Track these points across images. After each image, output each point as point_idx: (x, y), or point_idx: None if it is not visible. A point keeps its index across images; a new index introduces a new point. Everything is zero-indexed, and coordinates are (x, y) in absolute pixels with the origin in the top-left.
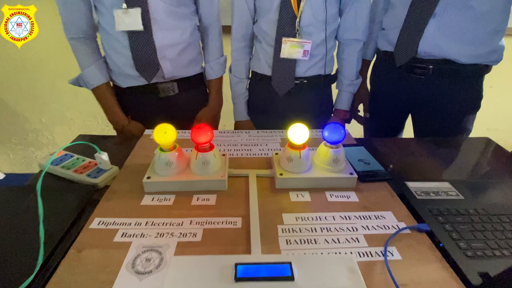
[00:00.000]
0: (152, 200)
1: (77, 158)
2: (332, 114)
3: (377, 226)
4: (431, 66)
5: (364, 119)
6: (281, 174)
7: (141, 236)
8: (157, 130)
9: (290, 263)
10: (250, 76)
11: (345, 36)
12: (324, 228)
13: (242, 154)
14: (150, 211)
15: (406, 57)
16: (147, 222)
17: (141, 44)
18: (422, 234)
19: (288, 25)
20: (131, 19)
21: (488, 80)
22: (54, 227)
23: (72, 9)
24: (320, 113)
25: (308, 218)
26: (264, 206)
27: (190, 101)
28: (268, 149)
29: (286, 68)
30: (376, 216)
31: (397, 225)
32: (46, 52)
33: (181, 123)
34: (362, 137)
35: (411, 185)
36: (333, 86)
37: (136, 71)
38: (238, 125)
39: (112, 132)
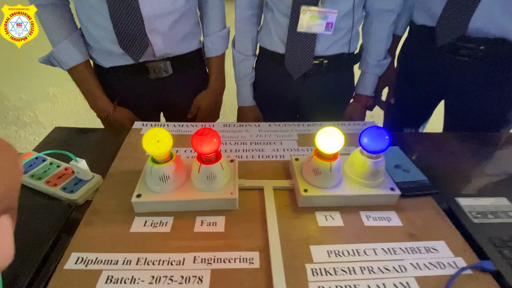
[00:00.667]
0: (145, 224)
1: (50, 163)
2: (352, 100)
3: (430, 264)
4: (481, 47)
5: (387, 105)
6: (305, 191)
7: (131, 282)
8: (147, 138)
9: None
10: (257, 53)
11: (375, 6)
12: (365, 268)
13: (253, 157)
14: (142, 241)
15: (452, 34)
16: (138, 260)
17: (125, 13)
18: (486, 275)
19: None
20: None
21: None
22: (16, 269)
23: None
24: (338, 98)
25: (343, 253)
26: (287, 234)
27: (186, 83)
28: (284, 150)
29: (304, 44)
30: (427, 249)
31: (453, 262)
32: None
33: (177, 110)
34: (381, 126)
35: (463, 202)
36: (355, 67)
37: (120, 48)
38: (241, 111)
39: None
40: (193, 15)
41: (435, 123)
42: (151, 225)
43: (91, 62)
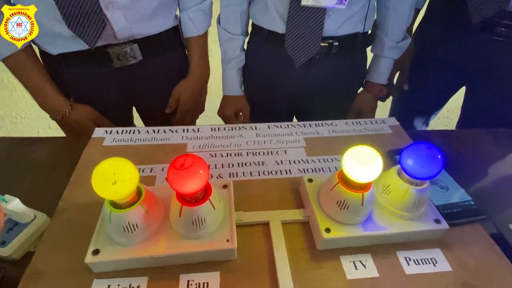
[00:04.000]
0: None
1: None
2: (362, 89)
3: None
4: None
5: (399, 92)
6: (328, 231)
7: None
8: (98, 177)
9: None
10: (250, 31)
11: None
12: None
13: (251, 174)
14: None
15: (490, 9)
16: None
17: None
18: None
19: None
20: None
21: None
22: None
23: None
24: (347, 87)
25: None
26: None
27: (161, 71)
28: (290, 162)
29: (310, 22)
30: None
31: None
32: None
33: (152, 104)
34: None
35: None
36: (368, 50)
37: (68, 29)
38: (226, 102)
39: None
40: None
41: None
42: None
43: (36, 48)
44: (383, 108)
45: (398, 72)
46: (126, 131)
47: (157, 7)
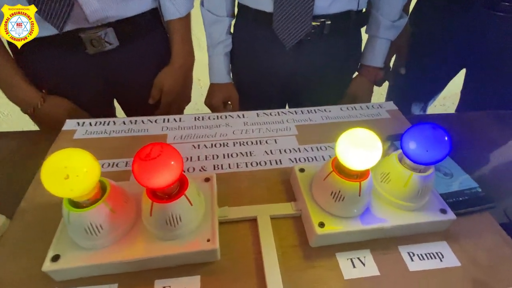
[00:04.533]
0: None
1: None
2: (357, 73)
3: None
4: None
5: (396, 76)
6: (321, 225)
7: None
8: (47, 170)
9: None
10: (236, 12)
11: None
12: None
13: (238, 165)
14: None
15: None
16: None
17: None
18: None
19: None
20: None
21: None
22: None
23: None
24: (341, 71)
25: None
26: None
27: (141, 58)
28: (281, 151)
29: (300, 1)
30: None
31: None
32: None
33: (134, 94)
34: (384, 99)
35: None
36: (363, 30)
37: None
38: (213, 90)
39: None
40: None
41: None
42: None
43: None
44: (379, 94)
45: (394, 55)
46: (100, 123)
47: None
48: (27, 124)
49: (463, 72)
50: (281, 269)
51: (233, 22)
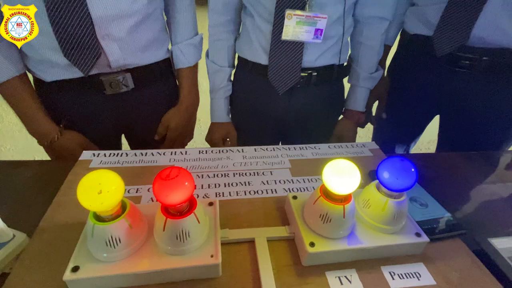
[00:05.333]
0: None
1: None
2: (342, 116)
3: None
4: (484, 58)
5: (378, 120)
6: (312, 245)
7: None
8: (84, 187)
9: None
10: (236, 63)
11: (366, 13)
12: None
13: (238, 193)
14: None
15: (453, 44)
16: None
17: (69, 14)
18: None
19: None
20: None
21: None
22: None
23: None
24: (327, 115)
25: None
26: None
27: (152, 99)
28: (276, 182)
29: (290, 54)
30: None
31: None
32: None
33: (141, 131)
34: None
35: (498, 244)
36: (345, 80)
37: (65, 58)
38: (214, 128)
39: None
40: (158, 19)
41: (426, 139)
42: None
43: (30, 75)
44: (365, 136)
45: (377, 102)
46: (114, 154)
47: (151, 41)
48: (27, 158)
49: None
50: (276, 285)
51: (233, 71)
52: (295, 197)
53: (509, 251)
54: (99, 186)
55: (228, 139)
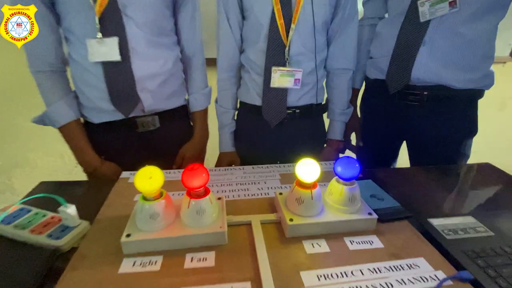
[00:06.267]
0: (134, 265)
1: (36, 214)
2: (325, 145)
3: (414, 278)
4: (425, 93)
5: (357, 148)
6: (291, 220)
7: None
8: (140, 175)
9: None
10: (238, 106)
11: (334, 66)
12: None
13: (239, 196)
14: (131, 282)
15: (400, 84)
16: None
17: (118, 75)
18: (465, 284)
19: (277, 54)
20: (107, 49)
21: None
22: None
23: (38, 40)
24: (313, 143)
25: (332, 276)
26: (277, 264)
27: (172, 135)
28: (268, 188)
29: (277, 97)
30: (409, 265)
31: (435, 275)
32: (5, 86)
33: (163, 160)
34: None
35: (435, 222)
36: (325, 115)
37: (112, 105)
38: (222, 157)
39: (81, 174)
40: (179, 76)
41: (406, 161)
42: (140, 265)
43: (81, 119)
44: None
45: (353, 133)
46: None
47: (173, 92)
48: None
49: None
50: (266, 248)
51: (236, 112)
52: (281, 193)
53: (441, 226)
54: (150, 174)
55: (233, 165)
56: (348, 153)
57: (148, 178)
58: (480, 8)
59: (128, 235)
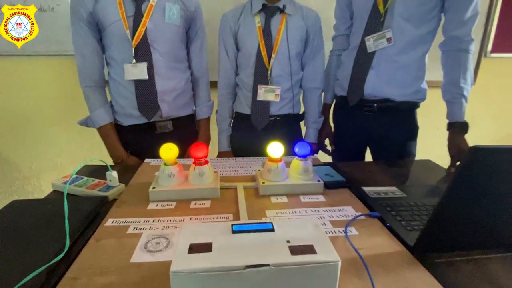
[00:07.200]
0: (156, 206)
1: (87, 179)
2: None
3: (340, 215)
4: (375, 104)
5: (331, 151)
6: (263, 183)
7: (149, 229)
8: (163, 148)
9: (271, 223)
10: (233, 116)
11: (307, 85)
12: (297, 218)
13: (230, 174)
14: (155, 213)
15: (356, 98)
16: (154, 220)
17: (145, 90)
18: (374, 219)
19: (262, 76)
20: (139, 71)
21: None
22: (75, 225)
23: (89, 62)
24: (291, 145)
25: (286, 212)
26: (251, 207)
27: (182, 137)
28: (252, 170)
29: (262, 108)
30: (339, 209)
31: (355, 215)
32: (44, 100)
33: None
34: None
35: (366, 189)
36: (302, 123)
37: (139, 112)
38: (220, 155)
39: None
40: (189, 92)
41: None
42: (161, 206)
43: (114, 122)
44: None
45: (327, 138)
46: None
47: (184, 104)
48: None
49: None
50: (245, 200)
51: (231, 120)
52: (259, 170)
53: (369, 191)
54: (170, 147)
55: None
56: (324, 156)
57: (169, 149)
58: (408, 43)
59: (153, 188)
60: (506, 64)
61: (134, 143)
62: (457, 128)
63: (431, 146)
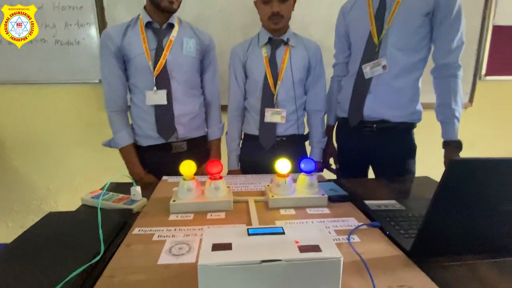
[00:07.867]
0: (177, 217)
1: (112, 195)
2: None
3: (343, 225)
4: (374, 125)
5: (336, 169)
6: (272, 196)
7: (172, 237)
8: (183, 164)
9: (282, 227)
10: (242, 137)
11: (311, 108)
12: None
13: (241, 189)
14: (176, 223)
15: (356, 119)
16: (175, 229)
17: (164, 114)
18: (375, 228)
19: (269, 100)
20: (159, 97)
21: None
22: (107, 233)
23: (115, 90)
24: (297, 163)
25: (294, 222)
26: (262, 218)
27: (195, 156)
28: (261, 186)
29: (270, 129)
30: (343, 220)
31: (358, 224)
32: (63, 124)
33: None
34: None
35: (368, 202)
36: (307, 143)
37: (157, 133)
38: (230, 173)
39: None
40: (202, 115)
41: None
42: (180, 217)
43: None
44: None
45: (332, 157)
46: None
47: (198, 126)
48: None
49: None
50: (257, 213)
51: (240, 141)
52: (268, 185)
53: (371, 204)
54: (189, 164)
55: None
56: (329, 174)
57: (188, 166)
58: (402, 69)
59: (174, 201)
60: (500, 86)
61: (152, 162)
62: (451, 146)
63: (431, 163)
